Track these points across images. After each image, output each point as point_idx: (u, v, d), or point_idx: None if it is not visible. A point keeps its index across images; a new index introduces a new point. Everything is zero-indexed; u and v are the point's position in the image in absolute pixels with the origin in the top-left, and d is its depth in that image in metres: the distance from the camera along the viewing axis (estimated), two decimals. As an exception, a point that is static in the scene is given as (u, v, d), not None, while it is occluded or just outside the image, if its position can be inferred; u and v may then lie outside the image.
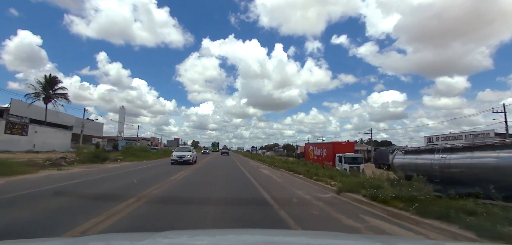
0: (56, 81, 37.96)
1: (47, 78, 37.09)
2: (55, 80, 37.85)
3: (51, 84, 37.19)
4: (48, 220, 4.13)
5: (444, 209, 4.50)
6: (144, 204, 5.39)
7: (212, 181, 10.23)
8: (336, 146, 22.32)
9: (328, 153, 23.08)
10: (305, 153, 30.16)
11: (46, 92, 36.69)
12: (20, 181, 8.40)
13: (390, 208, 5.28)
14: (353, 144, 23.18)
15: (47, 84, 36.80)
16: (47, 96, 36.73)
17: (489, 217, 4.09)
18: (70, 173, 11.61)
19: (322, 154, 24.45)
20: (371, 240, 1.97)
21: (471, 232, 3.74)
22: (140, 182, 9.03)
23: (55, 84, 37.70)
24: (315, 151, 26.44)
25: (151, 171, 13.60)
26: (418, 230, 4.23)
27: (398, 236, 3.77)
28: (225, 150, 63.12)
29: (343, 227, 4.29)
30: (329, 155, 22.87)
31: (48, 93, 36.79)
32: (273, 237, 1.97)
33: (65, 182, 8.61)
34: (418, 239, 3.52)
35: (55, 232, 3.51)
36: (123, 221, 4.11)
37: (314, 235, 2.46)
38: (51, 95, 36.99)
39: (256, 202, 6.31)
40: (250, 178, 11.39)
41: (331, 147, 22.54)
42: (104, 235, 2.65)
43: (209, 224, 4.17)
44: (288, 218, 4.63)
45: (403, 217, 4.79)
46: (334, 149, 22.01)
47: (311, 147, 28.12)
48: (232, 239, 1.84)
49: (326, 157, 23.50)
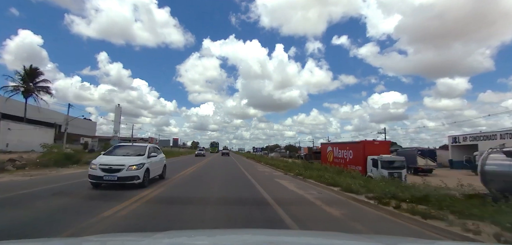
0: (37, 73, 33.85)
1: (27, 70, 32.98)
2: (36, 72, 33.73)
3: (31, 77, 33.08)
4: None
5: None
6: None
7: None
8: (367, 146, 17.21)
9: (356, 155, 18.00)
10: (322, 155, 24.97)
11: (25, 85, 32.59)
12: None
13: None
14: (389, 144, 18.07)
15: (27, 76, 32.68)
16: (27, 89, 32.60)
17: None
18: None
19: (347, 156, 19.37)
20: (371, 240, 1.98)
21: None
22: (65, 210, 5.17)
23: (36, 77, 33.56)
24: (336, 152, 21.34)
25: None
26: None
27: (398, 236, 3.44)
28: (226, 151, 61.20)
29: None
30: (357, 158, 17.79)
31: (28, 87, 32.66)
32: (274, 237, 2.00)
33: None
34: (418, 239, 3.12)
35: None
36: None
37: (314, 235, 2.48)
38: (31, 88, 32.83)
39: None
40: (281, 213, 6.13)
41: (361, 148, 17.43)
42: (104, 235, 2.51)
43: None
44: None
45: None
46: (365, 150, 16.96)
47: (330, 148, 22.98)
48: (232, 239, 1.86)
49: (353, 160, 18.41)
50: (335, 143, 23.73)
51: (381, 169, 15.44)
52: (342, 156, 20.41)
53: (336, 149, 21.64)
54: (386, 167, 15.40)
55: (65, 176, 11.79)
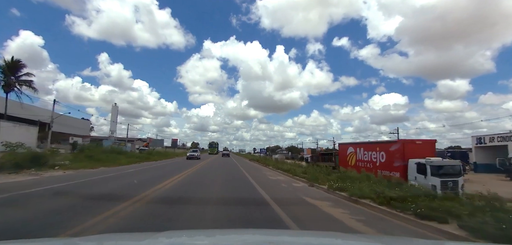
0: (20, 65, 30.46)
1: (8, 62, 29.68)
2: (18, 65, 30.34)
3: (12, 70, 29.73)
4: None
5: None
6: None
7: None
8: (408, 146, 13.53)
9: (391, 158, 14.33)
10: (340, 157, 21.26)
11: (6, 79, 29.31)
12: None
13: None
14: (434, 144, 14.32)
15: (7, 69, 29.39)
16: (7, 83, 29.32)
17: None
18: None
19: (377, 158, 15.71)
20: (371, 240, 2.04)
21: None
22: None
23: (18, 70, 30.24)
24: (360, 154, 17.69)
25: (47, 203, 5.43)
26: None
27: (398, 236, 3.59)
28: (226, 152, 59.80)
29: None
30: (392, 161, 14.13)
31: (9, 80, 29.37)
32: (274, 237, 1.98)
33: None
34: (418, 239, 3.38)
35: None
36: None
37: (315, 235, 2.45)
38: (12, 82, 29.54)
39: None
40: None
41: (399, 149, 13.74)
42: (104, 235, 2.50)
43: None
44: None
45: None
46: (405, 151, 13.29)
47: (352, 148, 19.28)
48: (232, 239, 1.85)
49: (386, 164, 14.75)
50: (358, 143, 19.97)
51: (431, 177, 11.82)
52: (369, 158, 16.73)
53: (360, 150, 17.95)
54: (437, 174, 11.83)
55: (11, 185, 8.35)
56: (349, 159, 19.51)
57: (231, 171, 18.12)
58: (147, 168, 16.88)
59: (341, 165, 20.01)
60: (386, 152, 15.05)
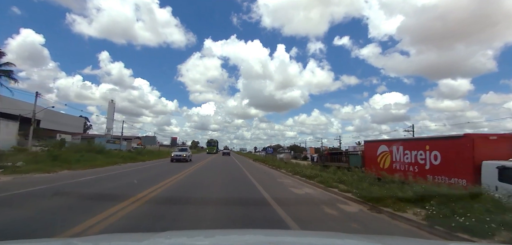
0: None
1: (-16, 50, 26.57)
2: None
3: (-10, 58, 26.61)
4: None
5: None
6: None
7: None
8: (478, 143, 9.59)
9: (451, 158, 10.38)
10: (367, 158, 17.25)
11: (-17, 69, 26.20)
12: None
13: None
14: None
15: (-15, 58, 26.28)
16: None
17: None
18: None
19: (425, 160, 11.78)
20: (371, 240, 1.93)
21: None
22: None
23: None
24: (398, 153, 13.73)
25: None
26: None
27: (398, 236, 3.48)
28: (226, 151, 58.53)
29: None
30: (453, 163, 10.19)
31: (-14, 70, 26.25)
32: (274, 237, 1.92)
33: None
34: (418, 239, 3.30)
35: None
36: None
37: (315, 235, 2.41)
38: (-12, 73, 26.39)
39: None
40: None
41: (466, 146, 9.74)
42: (104, 235, 2.50)
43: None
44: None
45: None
46: (475, 149, 9.39)
47: (385, 147, 15.34)
48: (233, 239, 1.78)
49: (442, 166, 10.78)
50: (395, 139, 15.85)
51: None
52: (413, 160, 12.73)
53: (398, 149, 13.94)
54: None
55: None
56: (380, 160, 15.47)
57: (233, 174, 14.41)
58: (122, 172, 13.03)
59: (368, 167, 15.93)
60: (443, 151, 11.04)
